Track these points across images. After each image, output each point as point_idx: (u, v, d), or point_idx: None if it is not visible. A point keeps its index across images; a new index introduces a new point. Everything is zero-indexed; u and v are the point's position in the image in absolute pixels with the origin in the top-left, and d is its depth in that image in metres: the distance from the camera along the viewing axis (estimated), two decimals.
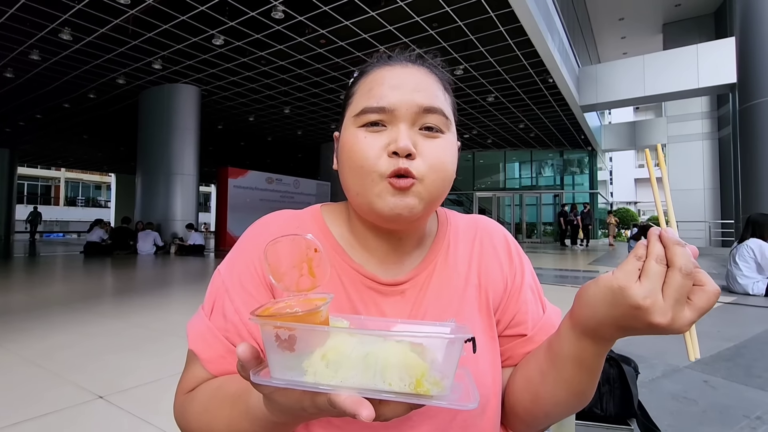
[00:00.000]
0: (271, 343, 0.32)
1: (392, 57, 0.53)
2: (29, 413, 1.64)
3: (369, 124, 0.48)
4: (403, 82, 0.49)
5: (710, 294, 0.35)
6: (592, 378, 0.46)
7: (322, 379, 0.31)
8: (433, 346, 0.32)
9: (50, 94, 10.99)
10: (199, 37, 7.95)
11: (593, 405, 1.58)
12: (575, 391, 0.47)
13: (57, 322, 3.13)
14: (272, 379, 0.32)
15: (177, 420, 0.52)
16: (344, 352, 0.31)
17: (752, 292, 4.28)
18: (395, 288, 0.53)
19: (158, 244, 9.95)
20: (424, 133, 0.48)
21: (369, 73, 0.52)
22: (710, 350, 2.44)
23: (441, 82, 0.53)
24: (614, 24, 15.94)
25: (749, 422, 1.54)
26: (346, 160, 0.49)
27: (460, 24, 7.55)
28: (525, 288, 0.57)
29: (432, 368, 0.31)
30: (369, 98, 0.48)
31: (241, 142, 17.24)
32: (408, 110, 0.47)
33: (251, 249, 0.54)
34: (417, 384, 0.30)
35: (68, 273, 6.72)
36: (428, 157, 0.47)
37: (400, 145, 0.45)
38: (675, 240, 0.36)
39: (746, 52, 6.33)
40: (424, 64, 0.53)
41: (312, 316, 0.33)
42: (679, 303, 0.35)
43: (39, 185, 33.87)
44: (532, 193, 18.92)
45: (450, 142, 0.50)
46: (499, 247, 0.59)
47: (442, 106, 0.50)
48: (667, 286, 0.35)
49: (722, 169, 14.12)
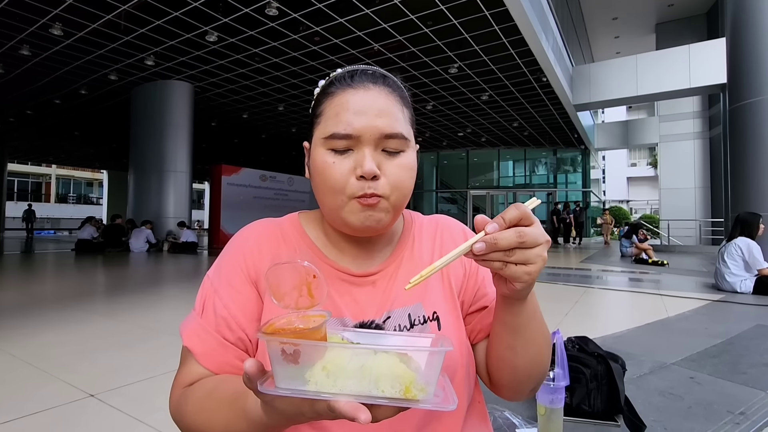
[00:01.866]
0: (277, 357, 0.36)
1: (354, 78, 0.56)
2: (19, 411, 1.64)
3: (336, 149, 0.53)
4: (366, 108, 0.53)
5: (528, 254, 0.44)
6: (521, 337, 0.54)
7: (323, 388, 0.35)
8: (418, 357, 0.38)
9: (41, 90, 10.86)
10: (193, 34, 7.89)
11: (581, 402, 1.61)
12: (517, 352, 0.55)
13: (48, 320, 3.11)
14: (278, 388, 0.36)
15: (172, 414, 0.55)
16: (342, 364, 0.35)
17: (740, 290, 4.34)
18: (367, 279, 0.60)
19: (151, 241, 9.88)
20: (386, 153, 0.54)
21: (335, 95, 0.55)
22: (697, 347, 2.48)
23: (401, 100, 0.57)
24: (608, 23, 16.03)
25: (733, 417, 1.57)
26: (318, 180, 0.55)
27: (454, 22, 7.56)
28: (482, 267, 0.61)
29: (418, 376, 0.36)
30: (336, 123, 0.53)
31: (235, 140, 17.16)
32: (371, 136, 0.53)
33: (236, 254, 0.60)
34: (406, 390, 0.35)
35: (59, 270, 6.67)
36: (391, 176, 0.54)
37: (365, 169, 0.51)
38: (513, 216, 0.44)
39: (736, 53, 6.41)
40: (385, 83, 0.57)
41: (314, 333, 0.38)
42: (508, 256, 0.44)
43: (30, 182, 33.47)
44: (526, 191, 19.02)
45: (410, 158, 0.56)
46: (458, 238, 0.66)
47: (402, 130, 0.55)
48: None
49: (713, 169, 14.27)
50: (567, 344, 1.73)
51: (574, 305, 3.83)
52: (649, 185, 35.26)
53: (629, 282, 5.57)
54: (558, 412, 1.43)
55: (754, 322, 3.12)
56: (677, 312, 3.51)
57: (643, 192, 37.52)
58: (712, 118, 14.18)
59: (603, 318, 3.59)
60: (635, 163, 38.91)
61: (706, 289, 4.73)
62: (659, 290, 4.70)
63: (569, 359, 1.58)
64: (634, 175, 38.70)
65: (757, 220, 4.49)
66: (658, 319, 3.28)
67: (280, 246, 0.61)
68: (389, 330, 0.57)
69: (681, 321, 3.23)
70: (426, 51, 8.76)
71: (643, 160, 37.64)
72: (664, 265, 7.49)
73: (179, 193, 10.71)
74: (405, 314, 0.59)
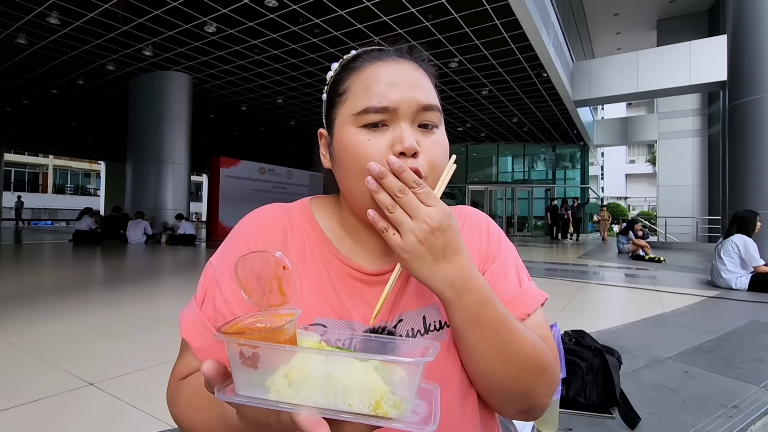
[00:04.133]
0: (236, 360, 0.33)
1: (382, 50, 0.53)
2: (18, 399, 1.65)
3: (370, 124, 0.48)
4: (399, 79, 0.49)
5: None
6: (461, 342, 0.49)
7: (285, 397, 0.31)
8: (407, 368, 0.32)
9: (38, 80, 10.77)
10: (191, 24, 7.82)
11: (577, 394, 1.62)
12: (475, 357, 0.49)
13: (46, 310, 3.12)
14: (235, 396, 0.33)
15: (168, 405, 0.54)
16: (306, 373, 0.31)
17: (735, 287, 4.37)
18: (380, 278, 0.54)
19: (148, 233, 9.87)
20: (422, 130, 0.50)
21: (361, 69, 0.51)
22: (692, 342, 2.50)
23: (430, 77, 0.54)
24: (609, 19, 15.96)
25: (726, 411, 1.59)
26: (350, 163, 0.49)
27: (455, 16, 7.51)
28: (495, 265, 0.58)
29: (392, 390, 0.31)
30: (369, 96, 0.48)
31: (234, 132, 17.08)
32: (409, 108, 0.48)
33: (241, 242, 0.55)
34: (376, 406, 0.31)
35: (57, 261, 6.66)
36: (429, 154, 0.49)
37: (406, 145, 0.46)
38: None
39: (737, 50, 6.39)
40: (413, 58, 0.53)
41: (276, 334, 0.34)
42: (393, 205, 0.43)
43: (27, 172, 33.29)
44: (524, 187, 19.04)
45: (443, 135, 0.52)
46: (483, 233, 0.60)
47: (437, 102, 0.51)
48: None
49: (711, 166, 14.29)
50: (564, 338, 1.75)
51: (571, 300, 3.85)
52: (647, 182, 35.31)
53: (626, 278, 5.60)
54: (554, 405, 1.45)
55: (749, 318, 3.15)
56: (673, 308, 3.54)
57: (641, 189, 37.59)
58: (712, 115, 14.18)
59: (599, 313, 3.62)
60: (634, 160, 38.95)
61: (702, 285, 4.76)
62: (655, 286, 4.73)
63: (566, 352, 1.60)
64: (632, 172, 38.75)
65: (754, 217, 4.51)
66: (654, 314, 3.31)
67: (287, 236, 0.56)
68: (401, 334, 0.52)
69: (676, 316, 3.25)
70: (426, 45, 8.71)
71: (642, 157, 37.68)
72: (661, 261, 7.53)
73: (177, 185, 10.68)
74: (419, 316, 0.54)
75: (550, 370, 0.51)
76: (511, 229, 17.81)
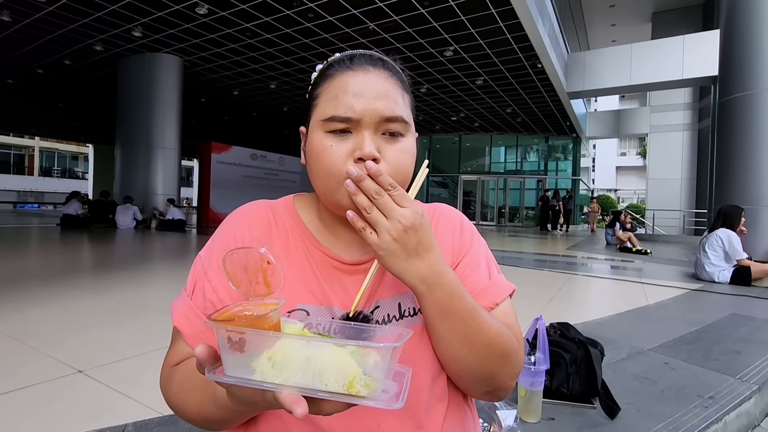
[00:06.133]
0: (224, 345, 0.36)
1: (354, 60, 0.55)
2: (5, 387, 1.64)
3: (336, 131, 0.52)
4: (365, 90, 0.52)
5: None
6: (432, 330, 0.53)
7: (268, 377, 0.35)
8: (374, 351, 0.37)
9: (23, 59, 10.48)
10: (182, 5, 7.64)
11: (560, 384, 1.67)
12: (444, 344, 0.53)
13: (33, 296, 3.09)
14: (224, 376, 0.36)
15: (161, 389, 0.57)
16: (288, 355, 0.35)
17: (718, 280, 4.48)
18: (358, 267, 0.58)
19: (137, 218, 9.77)
20: (386, 137, 0.53)
21: (333, 77, 0.54)
22: (673, 334, 2.57)
23: (401, 84, 0.56)
24: (605, 11, 15.90)
25: (702, 401, 1.65)
26: (314, 164, 0.53)
27: (451, 4, 7.43)
28: (467, 259, 0.61)
29: (365, 372, 0.35)
30: (336, 106, 0.52)
31: (225, 117, 16.85)
32: (371, 119, 0.51)
33: (228, 235, 0.60)
34: (350, 386, 0.35)
35: (45, 246, 6.58)
36: (391, 160, 0.52)
37: (365, 151, 0.50)
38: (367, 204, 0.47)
39: (729, 46, 6.42)
40: (384, 66, 0.55)
41: (261, 321, 0.38)
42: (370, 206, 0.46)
43: (12, 153, 32.59)
44: (516, 177, 19.12)
45: (410, 143, 0.55)
46: (456, 229, 0.64)
47: (402, 113, 0.54)
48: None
49: (700, 160, 14.47)
50: (549, 330, 1.78)
51: (558, 291, 3.91)
52: (637, 175, 35.68)
53: (612, 270, 5.70)
54: (537, 395, 1.48)
55: (730, 311, 3.23)
56: (657, 300, 3.61)
57: (631, 181, 37.99)
58: (702, 110, 14.31)
59: (585, 304, 3.69)
60: (625, 153, 39.27)
61: (686, 278, 4.87)
62: (641, 278, 4.82)
63: (551, 344, 1.63)
64: (623, 165, 39.10)
65: (739, 213, 4.60)
66: (638, 306, 3.38)
67: (272, 230, 0.60)
68: (377, 319, 0.56)
69: (660, 309, 3.33)
70: (422, 32, 8.63)
71: (633, 149, 37.99)
72: (648, 253, 7.66)
73: (168, 169, 10.55)
74: (395, 303, 0.57)
75: (513, 355, 0.55)
76: (502, 219, 17.94)
